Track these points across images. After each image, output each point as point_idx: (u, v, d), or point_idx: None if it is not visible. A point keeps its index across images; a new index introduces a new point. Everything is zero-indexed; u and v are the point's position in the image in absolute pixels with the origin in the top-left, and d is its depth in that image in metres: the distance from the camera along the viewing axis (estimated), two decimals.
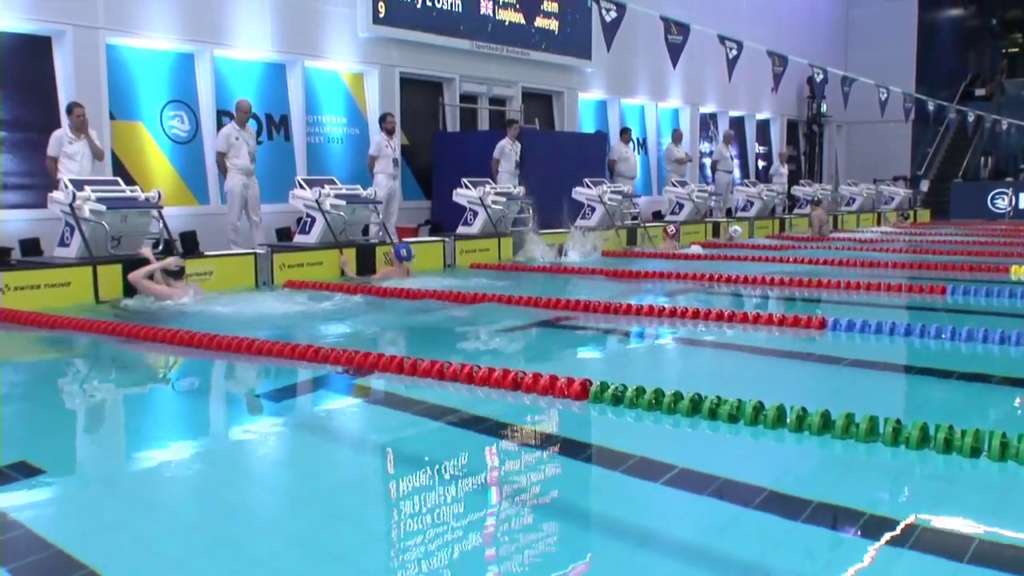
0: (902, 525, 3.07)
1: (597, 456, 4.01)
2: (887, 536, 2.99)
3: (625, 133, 17.09)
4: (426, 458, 3.94)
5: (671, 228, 14.40)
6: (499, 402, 4.74)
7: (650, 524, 3.21)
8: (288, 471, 3.97)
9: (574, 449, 4.09)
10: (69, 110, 9.54)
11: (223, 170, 10.92)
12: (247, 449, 4.26)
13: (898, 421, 3.92)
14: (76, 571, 2.76)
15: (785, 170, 21.04)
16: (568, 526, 3.24)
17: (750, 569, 2.81)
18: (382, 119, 12.78)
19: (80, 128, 9.46)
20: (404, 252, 10.20)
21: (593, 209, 14.28)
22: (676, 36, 13.23)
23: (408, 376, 5.20)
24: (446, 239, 11.76)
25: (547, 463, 3.91)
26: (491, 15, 15.16)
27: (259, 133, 12.35)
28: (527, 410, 4.61)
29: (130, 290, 8.39)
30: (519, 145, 13.78)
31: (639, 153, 19.01)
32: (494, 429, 4.32)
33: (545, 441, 4.20)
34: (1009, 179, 25.69)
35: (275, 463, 4.09)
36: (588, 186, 14.29)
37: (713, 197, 17.38)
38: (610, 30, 12.14)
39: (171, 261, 8.29)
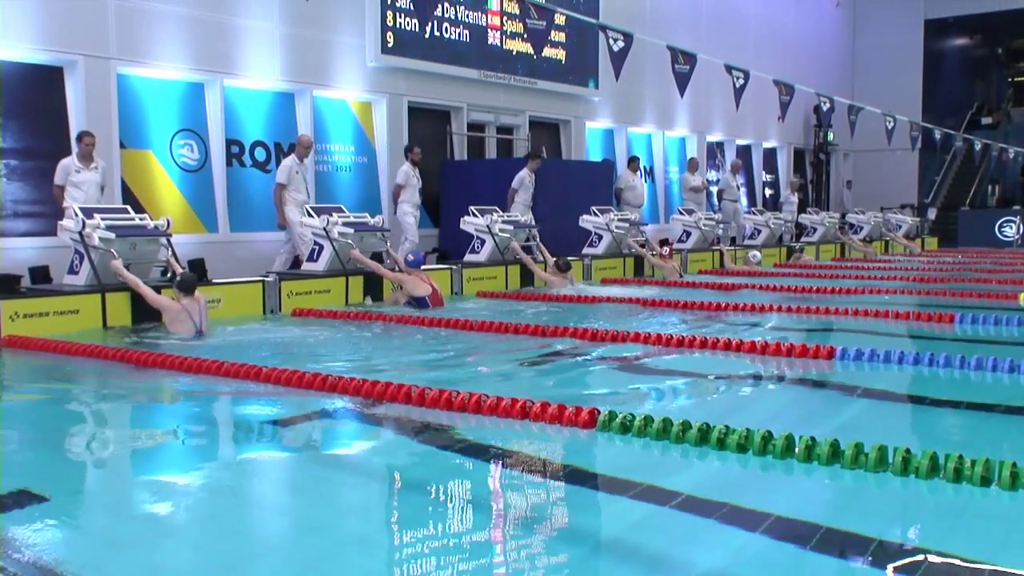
0: (912, 554, 3.05)
1: (605, 485, 3.99)
2: (896, 565, 2.97)
3: (633, 162, 17.13)
4: (434, 487, 3.93)
5: (665, 249, 14.33)
6: (507, 431, 4.73)
7: (659, 551, 3.19)
8: (295, 499, 3.96)
9: (582, 478, 4.07)
10: (79, 138, 9.61)
11: (281, 203, 11.19)
12: (254, 477, 4.25)
13: (908, 450, 3.90)
14: None
15: (795, 199, 21.08)
16: (576, 554, 3.22)
17: None
18: (408, 149, 12.98)
19: (87, 157, 9.53)
20: (412, 257, 10.25)
21: (600, 237, 14.30)
22: (683, 65, 13.26)
23: (416, 405, 5.19)
24: (453, 267, 11.77)
25: (555, 492, 3.89)
26: (499, 45, 15.28)
27: (267, 162, 12.45)
28: (535, 439, 4.59)
29: (138, 318, 8.43)
30: (534, 176, 13.91)
31: (646, 181, 19.06)
32: (502, 458, 4.31)
33: (553, 470, 4.18)
34: (1016, 207, 25.67)
35: (282, 491, 4.08)
36: (595, 214, 14.33)
37: (720, 225, 17.38)
38: (617, 59, 12.19)
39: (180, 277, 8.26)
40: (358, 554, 3.21)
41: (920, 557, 3.04)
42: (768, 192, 23.76)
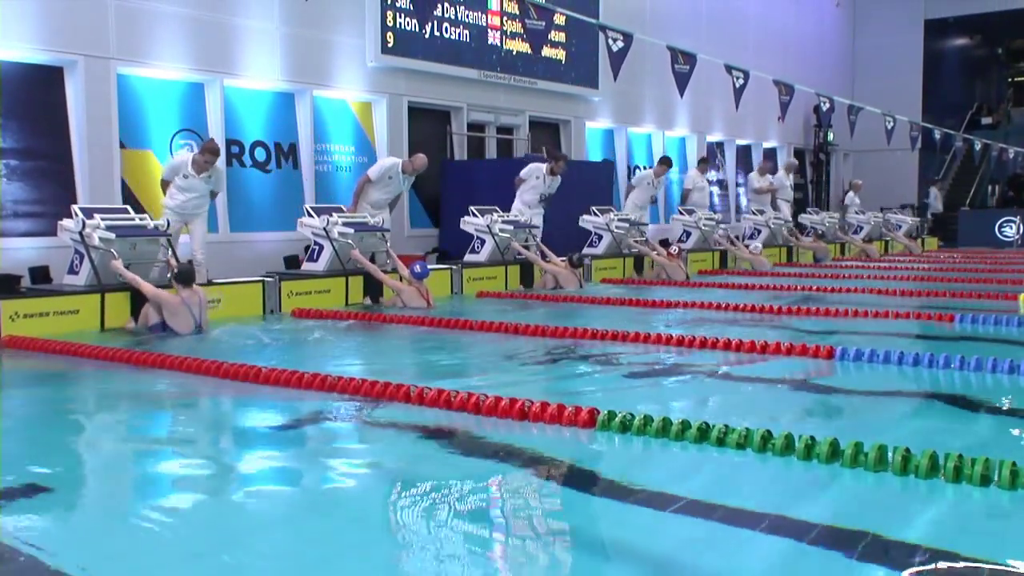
0: (912, 553, 3.04)
1: (605, 485, 3.99)
2: (896, 564, 2.96)
3: (703, 163, 17.27)
4: (433, 489, 3.92)
5: (673, 248, 14.27)
6: (506, 431, 4.72)
7: (659, 551, 3.19)
8: (293, 503, 3.95)
9: (582, 478, 4.07)
10: (201, 151, 9.60)
11: (359, 195, 11.51)
12: (252, 480, 4.25)
13: (907, 450, 3.90)
14: None
15: (858, 200, 21.19)
16: (577, 556, 3.22)
17: None
18: (555, 159, 13.18)
19: (203, 170, 9.51)
20: (419, 269, 10.13)
21: (600, 237, 14.30)
22: (683, 65, 13.27)
23: (415, 405, 5.19)
24: (453, 267, 11.77)
25: (555, 492, 3.89)
26: (499, 45, 15.28)
27: (267, 162, 12.45)
28: (535, 439, 4.59)
29: (138, 318, 8.43)
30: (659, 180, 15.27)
31: None
32: (502, 459, 4.30)
33: (553, 470, 4.17)
34: (1016, 207, 25.69)
35: (280, 494, 4.08)
36: (595, 214, 14.33)
37: (721, 226, 17.34)
38: (617, 59, 12.19)
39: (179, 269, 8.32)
40: (357, 556, 3.20)
41: (920, 552, 3.04)
42: None
